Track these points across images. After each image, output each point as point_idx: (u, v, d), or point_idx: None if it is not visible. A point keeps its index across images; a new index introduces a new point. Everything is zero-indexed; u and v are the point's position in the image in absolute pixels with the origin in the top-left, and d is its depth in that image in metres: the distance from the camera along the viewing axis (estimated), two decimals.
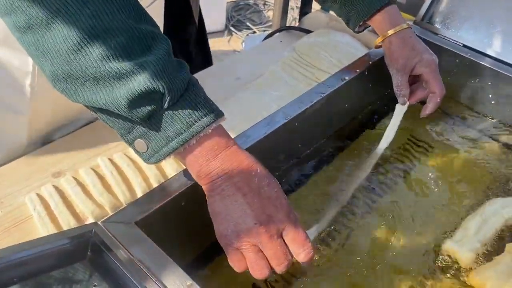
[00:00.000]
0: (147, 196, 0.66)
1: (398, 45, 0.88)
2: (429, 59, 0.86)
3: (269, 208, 0.54)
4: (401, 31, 0.89)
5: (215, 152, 0.55)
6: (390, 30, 0.88)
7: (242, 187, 0.54)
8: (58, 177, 0.91)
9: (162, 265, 0.56)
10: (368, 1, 0.87)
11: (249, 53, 1.35)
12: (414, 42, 0.89)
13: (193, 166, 0.56)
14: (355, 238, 0.79)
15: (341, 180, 0.89)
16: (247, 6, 3.23)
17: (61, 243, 0.57)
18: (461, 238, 0.78)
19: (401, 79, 0.86)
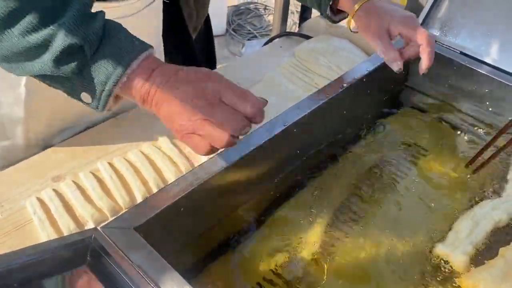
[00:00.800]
0: (146, 202, 0.67)
1: (366, 15, 0.86)
2: (402, 15, 0.84)
3: (201, 85, 0.60)
4: (367, 2, 0.86)
5: (147, 74, 0.60)
6: (356, 5, 0.86)
7: (176, 85, 0.60)
8: (58, 181, 0.91)
9: (160, 271, 0.57)
10: None
11: (249, 58, 1.36)
12: (382, 6, 0.86)
13: (135, 96, 0.62)
14: (347, 243, 0.80)
15: (338, 185, 0.90)
16: (247, 10, 3.24)
17: (61, 248, 0.58)
18: (453, 241, 0.78)
19: (381, 44, 0.84)
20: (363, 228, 0.83)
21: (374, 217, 0.85)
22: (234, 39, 2.98)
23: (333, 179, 0.92)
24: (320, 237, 0.80)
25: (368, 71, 0.96)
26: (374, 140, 1.02)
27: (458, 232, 0.80)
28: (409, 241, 0.81)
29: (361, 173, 0.93)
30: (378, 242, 0.80)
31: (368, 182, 0.91)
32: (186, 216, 0.70)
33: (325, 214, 0.84)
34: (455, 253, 0.76)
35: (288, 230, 0.81)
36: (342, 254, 0.78)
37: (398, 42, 0.90)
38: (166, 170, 0.95)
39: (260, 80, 1.21)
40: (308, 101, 0.87)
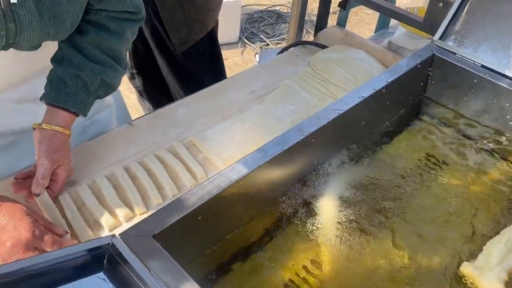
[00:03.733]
0: (164, 209, 0.66)
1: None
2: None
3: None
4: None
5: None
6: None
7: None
8: (73, 185, 0.91)
9: (178, 280, 0.56)
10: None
11: (264, 66, 1.35)
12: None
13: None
14: (370, 254, 0.79)
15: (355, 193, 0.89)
16: (261, 18, 3.25)
17: (78, 254, 0.57)
18: (484, 264, 0.76)
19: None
20: (383, 243, 0.81)
21: (394, 231, 0.83)
22: (247, 47, 2.99)
23: (350, 189, 0.91)
24: (337, 249, 0.79)
25: (388, 82, 0.95)
26: (392, 152, 1.00)
27: (489, 256, 0.78)
28: (431, 257, 0.79)
29: (379, 184, 0.92)
30: (398, 256, 0.79)
31: (387, 193, 0.90)
32: (203, 225, 0.70)
33: (343, 225, 0.83)
34: (487, 277, 0.74)
35: (305, 240, 0.80)
36: (360, 267, 0.77)
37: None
38: (182, 177, 0.94)
39: (276, 88, 1.21)
40: (327, 111, 0.87)
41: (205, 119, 1.10)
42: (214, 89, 1.21)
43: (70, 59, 0.85)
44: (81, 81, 0.85)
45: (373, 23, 3.25)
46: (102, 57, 0.86)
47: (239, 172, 0.74)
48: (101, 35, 0.86)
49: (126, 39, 0.90)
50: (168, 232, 0.63)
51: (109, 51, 0.87)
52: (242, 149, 1.01)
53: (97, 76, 0.86)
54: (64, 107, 0.85)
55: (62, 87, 0.84)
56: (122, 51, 0.90)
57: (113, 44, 0.87)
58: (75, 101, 0.85)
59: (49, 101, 0.85)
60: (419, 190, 0.92)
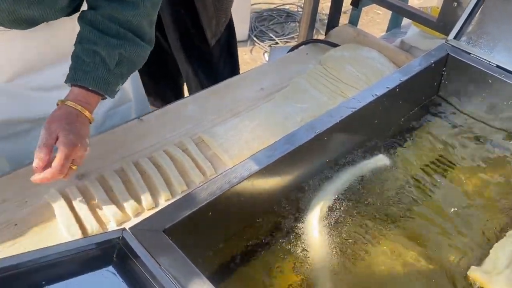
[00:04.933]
0: (175, 204, 0.66)
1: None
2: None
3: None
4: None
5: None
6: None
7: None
8: (82, 179, 0.91)
9: (188, 275, 0.55)
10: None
11: (274, 64, 1.34)
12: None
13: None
14: (376, 258, 0.78)
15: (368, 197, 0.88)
16: (270, 17, 3.23)
17: (88, 248, 0.57)
18: (492, 269, 0.75)
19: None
20: (389, 247, 0.80)
21: (403, 232, 0.82)
22: (256, 45, 2.98)
23: (359, 186, 0.90)
24: (347, 247, 0.78)
25: (401, 81, 0.94)
26: (404, 151, 0.99)
27: (497, 260, 0.77)
28: (439, 261, 0.78)
29: (389, 186, 0.91)
30: (406, 257, 0.78)
31: (396, 197, 0.89)
32: (214, 220, 0.69)
33: (353, 223, 0.82)
34: (495, 281, 0.73)
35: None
36: (368, 265, 0.76)
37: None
38: (191, 173, 0.94)
39: (286, 86, 1.20)
40: (340, 109, 0.86)
41: (214, 116, 1.09)
42: (224, 86, 1.21)
43: (87, 37, 0.81)
44: (98, 56, 0.80)
45: (383, 23, 3.22)
46: (119, 30, 0.81)
47: (250, 169, 0.73)
48: (115, 7, 0.81)
49: (145, 11, 0.83)
50: (179, 227, 0.63)
51: (127, 24, 0.82)
52: (250, 147, 1.00)
53: (114, 50, 0.80)
54: (83, 85, 0.80)
55: (79, 65, 0.80)
56: (143, 24, 0.84)
57: (129, 16, 0.82)
58: (93, 78, 0.80)
59: (69, 82, 0.81)
60: (429, 192, 0.90)
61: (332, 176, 0.89)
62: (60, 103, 0.79)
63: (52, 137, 0.75)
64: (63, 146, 0.75)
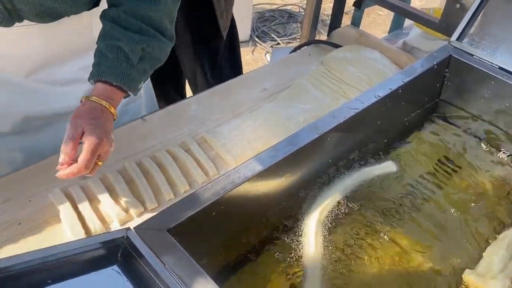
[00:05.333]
0: (179, 204, 0.66)
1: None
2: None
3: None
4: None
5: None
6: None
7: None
8: (85, 178, 0.91)
9: (193, 275, 0.56)
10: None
11: (277, 64, 1.35)
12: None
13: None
14: (375, 255, 0.78)
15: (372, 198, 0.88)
16: (272, 17, 3.24)
17: (93, 247, 0.57)
18: (486, 272, 0.75)
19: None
20: (390, 243, 0.81)
21: (401, 234, 0.83)
22: (258, 45, 2.98)
23: (364, 187, 0.90)
24: (347, 246, 0.79)
25: (404, 82, 0.94)
26: (406, 153, 0.99)
27: (491, 263, 0.77)
28: (435, 260, 0.78)
29: (390, 188, 0.91)
30: (403, 258, 0.78)
31: (397, 198, 0.89)
32: (218, 220, 0.69)
33: (355, 223, 0.83)
34: (490, 284, 0.73)
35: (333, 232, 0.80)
36: (364, 269, 0.77)
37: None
38: (194, 173, 0.94)
39: (288, 87, 1.20)
40: (343, 110, 0.86)
41: (217, 116, 1.10)
42: (227, 86, 1.21)
43: (109, 33, 0.82)
44: (121, 52, 0.80)
45: (385, 24, 3.23)
46: (141, 26, 0.82)
47: (254, 169, 0.73)
48: (137, 3, 0.81)
49: (166, 7, 0.84)
50: (183, 227, 0.63)
51: (148, 20, 0.83)
52: (253, 147, 1.00)
53: (137, 45, 0.81)
54: (106, 81, 0.80)
55: (103, 61, 0.81)
56: (164, 20, 0.85)
57: (150, 12, 0.82)
58: (117, 73, 0.80)
59: (92, 78, 0.82)
60: (431, 193, 0.90)
61: (337, 178, 0.89)
62: (84, 99, 0.79)
63: (78, 131, 0.75)
64: (89, 140, 0.74)
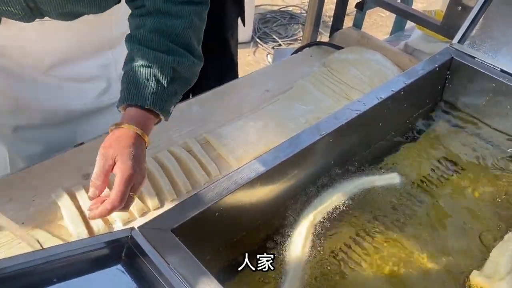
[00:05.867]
0: (183, 204, 0.67)
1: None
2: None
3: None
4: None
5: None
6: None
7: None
8: (88, 178, 0.91)
9: (196, 274, 0.56)
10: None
11: (279, 66, 1.35)
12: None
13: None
14: (378, 258, 0.79)
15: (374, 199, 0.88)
16: (274, 19, 3.25)
17: (97, 246, 0.58)
18: (493, 273, 0.76)
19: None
20: (395, 244, 0.81)
21: (404, 236, 0.83)
22: (259, 46, 2.99)
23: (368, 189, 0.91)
24: (350, 247, 0.79)
25: (406, 84, 0.95)
26: (407, 154, 1.00)
27: (497, 265, 0.77)
28: (440, 265, 0.79)
29: (392, 189, 0.92)
30: (405, 262, 0.78)
31: (400, 198, 0.89)
32: (221, 220, 0.70)
33: (356, 223, 0.83)
34: (497, 286, 0.73)
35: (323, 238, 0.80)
36: (371, 267, 0.77)
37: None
38: (196, 174, 0.95)
39: (290, 88, 1.21)
40: (345, 111, 0.86)
41: (219, 117, 1.10)
42: (229, 87, 1.21)
43: (137, 55, 0.77)
44: (151, 73, 0.75)
45: (386, 26, 3.24)
46: (169, 45, 0.77)
47: (257, 170, 0.73)
48: (163, 22, 0.77)
49: (193, 25, 0.80)
50: (186, 227, 0.63)
51: (176, 39, 0.78)
52: (255, 148, 1.01)
53: (167, 65, 0.76)
54: (137, 104, 0.74)
55: (132, 85, 0.75)
56: (192, 39, 0.80)
57: (178, 30, 0.78)
58: (148, 95, 0.74)
59: (122, 103, 0.76)
60: (431, 195, 0.91)
61: (338, 183, 0.89)
62: (115, 127, 0.73)
63: (109, 163, 0.69)
64: (122, 172, 0.67)
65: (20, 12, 0.74)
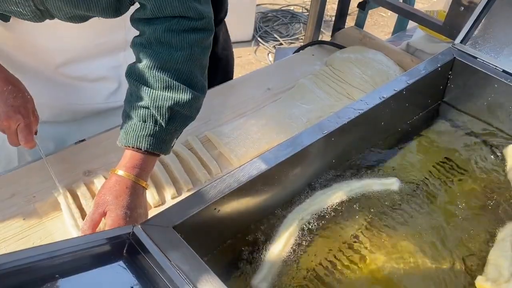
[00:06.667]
0: (185, 202, 0.66)
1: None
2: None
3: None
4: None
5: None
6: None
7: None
8: (89, 175, 0.92)
9: (198, 271, 0.56)
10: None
11: (280, 64, 1.35)
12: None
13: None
14: (379, 259, 0.79)
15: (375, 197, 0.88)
16: (275, 18, 3.25)
17: (99, 243, 0.58)
18: (497, 276, 0.75)
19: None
20: (391, 244, 0.81)
21: (401, 237, 0.83)
22: (260, 45, 2.99)
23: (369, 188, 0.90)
24: (349, 246, 0.79)
25: (408, 84, 0.95)
26: (408, 154, 1.00)
27: (499, 267, 0.77)
28: (442, 265, 0.79)
29: (391, 190, 0.91)
30: (402, 265, 0.78)
31: (399, 201, 0.89)
32: (222, 218, 0.70)
33: (355, 223, 0.83)
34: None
35: (321, 236, 0.80)
36: (362, 270, 0.77)
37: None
38: (197, 172, 0.94)
39: (291, 87, 1.21)
40: (348, 110, 0.86)
41: (220, 115, 1.10)
42: (230, 85, 1.21)
43: (135, 93, 0.75)
44: (148, 115, 0.73)
45: (387, 26, 3.23)
46: (168, 82, 0.73)
47: (259, 168, 0.73)
48: (163, 55, 0.74)
49: (194, 56, 0.76)
50: (188, 224, 0.63)
51: (177, 73, 0.75)
52: (257, 146, 1.01)
53: (165, 105, 0.73)
54: (135, 147, 0.73)
55: (130, 126, 0.74)
56: (194, 71, 0.76)
57: (178, 64, 0.74)
58: (144, 138, 0.73)
59: (121, 144, 0.76)
60: (432, 195, 0.91)
61: (337, 183, 0.89)
62: (112, 172, 0.74)
63: (99, 211, 0.70)
64: (113, 222, 0.68)
65: (29, 14, 0.74)
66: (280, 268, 0.74)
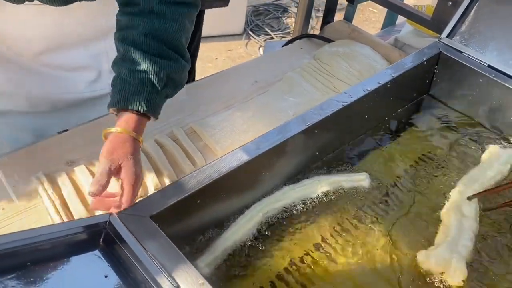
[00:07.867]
0: (163, 191, 0.66)
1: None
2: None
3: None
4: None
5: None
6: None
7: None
8: (71, 165, 0.91)
9: (175, 262, 0.56)
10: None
11: (268, 57, 1.35)
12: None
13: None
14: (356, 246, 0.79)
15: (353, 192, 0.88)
16: (266, 11, 3.23)
17: (75, 231, 0.57)
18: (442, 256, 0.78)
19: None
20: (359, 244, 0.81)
21: (381, 229, 0.83)
22: (251, 39, 2.97)
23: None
24: (322, 242, 0.79)
25: (393, 77, 0.95)
26: (392, 149, 1.00)
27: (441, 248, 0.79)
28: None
29: (375, 186, 0.91)
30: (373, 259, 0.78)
31: (380, 195, 0.89)
32: (202, 208, 0.69)
33: (330, 221, 0.83)
34: (450, 267, 0.76)
35: (299, 231, 0.80)
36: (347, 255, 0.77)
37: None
38: (181, 163, 0.94)
39: (279, 80, 1.20)
40: (331, 102, 0.86)
41: (206, 107, 1.09)
42: (217, 77, 1.20)
43: (130, 58, 0.76)
44: (146, 78, 0.75)
45: (378, 22, 3.24)
46: (162, 49, 0.77)
47: (240, 159, 0.73)
48: (157, 24, 0.76)
49: (184, 28, 0.79)
50: (166, 214, 0.63)
51: (170, 43, 0.78)
52: (242, 138, 1.00)
53: (161, 70, 0.76)
54: (130, 109, 0.75)
55: (127, 88, 0.75)
56: (182, 42, 0.80)
57: (171, 34, 0.77)
58: (144, 101, 0.74)
59: (115, 106, 0.76)
60: (415, 189, 0.91)
61: (316, 175, 0.88)
62: (114, 132, 0.74)
63: (115, 165, 0.69)
64: (129, 178, 0.68)
65: None
66: (228, 256, 0.73)
